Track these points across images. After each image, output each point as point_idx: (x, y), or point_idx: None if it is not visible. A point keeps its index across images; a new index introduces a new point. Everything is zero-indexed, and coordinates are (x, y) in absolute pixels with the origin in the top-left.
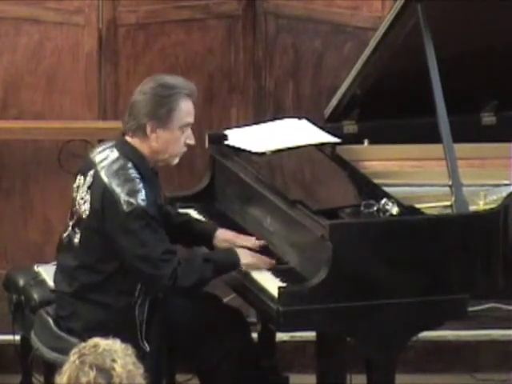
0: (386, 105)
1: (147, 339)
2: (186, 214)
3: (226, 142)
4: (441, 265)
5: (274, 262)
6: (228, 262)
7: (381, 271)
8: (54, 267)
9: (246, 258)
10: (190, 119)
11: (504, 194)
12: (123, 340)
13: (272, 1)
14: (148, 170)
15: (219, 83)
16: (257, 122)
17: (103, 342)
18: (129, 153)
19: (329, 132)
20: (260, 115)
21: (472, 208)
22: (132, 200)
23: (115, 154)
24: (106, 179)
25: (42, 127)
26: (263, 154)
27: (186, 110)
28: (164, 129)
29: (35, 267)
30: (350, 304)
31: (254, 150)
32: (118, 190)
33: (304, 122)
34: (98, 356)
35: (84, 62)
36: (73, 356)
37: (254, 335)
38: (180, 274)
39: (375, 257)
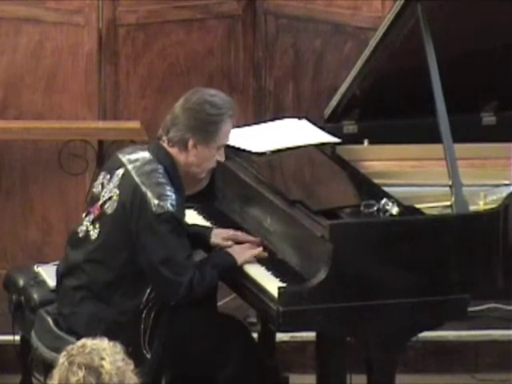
0: (386, 105)
1: (150, 346)
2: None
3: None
4: (441, 265)
5: (265, 254)
6: (228, 266)
7: (381, 271)
8: (54, 267)
9: (240, 257)
10: (227, 140)
11: (504, 194)
12: (125, 344)
13: (272, 1)
14: (178, 177)
15: (219, 83)
16: (257, 122)
17: (90, 342)
18: (162, 157)
19: (329, 132)
20: (260, 115)
21: (472, 208)
22: (162, 203)
23: (147, 155)
24: (137, 179)
25: (41, 127)
26: (263, 153)
27: (227, 131)
28: (205, 146)
29: (35, 267)
30: (349, 304)
31: (254, 150)
32: (148, 191)
33: (304, 122)
34: (85, 355)
35: (84, 61)
36: (62, 358)
37: (254, 335)
38: (195, 282)
39: (375, 257)
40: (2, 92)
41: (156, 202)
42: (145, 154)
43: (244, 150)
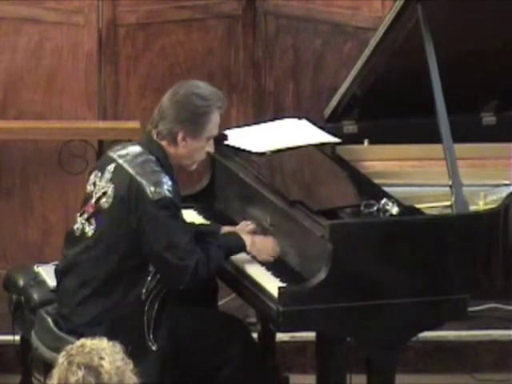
0: (386, 105)
1: (155, 338)
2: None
3: (225, 142)
4: (441, 265)
5: (276, 250)
6: (236, 247)
7: (381, 271)
8: (54, 267)
9: (250, 242)
10: (216, 131)
11: (504, 194)
12: (130, 337)
13: (272, 1)
14: (170, 167)
15: (219, 83)
16: (257, 122)
17: (90, 342)
18: (154, 149)
19: (329, 132)
20: (260, 115)
21: (472, 208)
22: (159, 189)
23: (138, 148)
24: (131, 170)
25: (41, 127)
26: (263, 153)
27: (215, 122)
28: (194, 138)
29: (35, 267)
30: (349, 304)
31: (254, 150)
32: (144, 180)
33: (304, 122)
34: (85, 355)
35: (84, 62)
36: (61, 358)
37: (254, 335)
38: (201, 265)
39: (375, 257)
40: (2, 92)
41: (152, 189)
42: (135, 148)
43: (244, 150)
